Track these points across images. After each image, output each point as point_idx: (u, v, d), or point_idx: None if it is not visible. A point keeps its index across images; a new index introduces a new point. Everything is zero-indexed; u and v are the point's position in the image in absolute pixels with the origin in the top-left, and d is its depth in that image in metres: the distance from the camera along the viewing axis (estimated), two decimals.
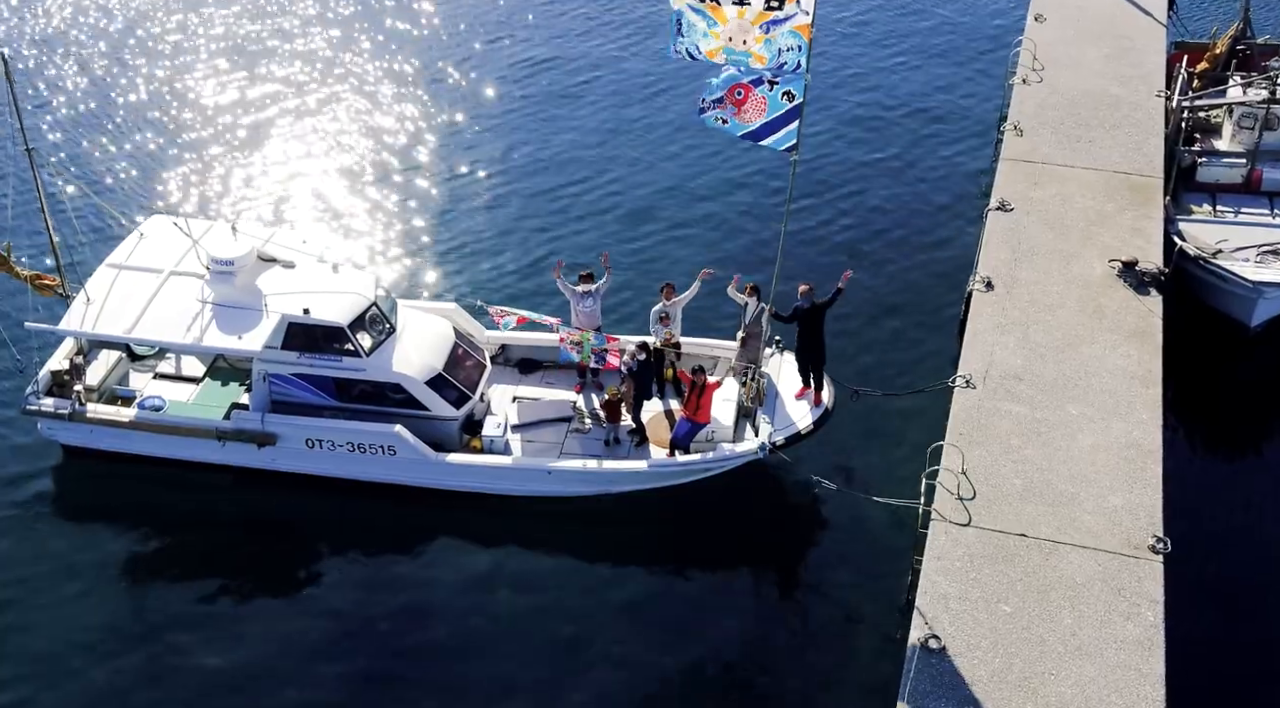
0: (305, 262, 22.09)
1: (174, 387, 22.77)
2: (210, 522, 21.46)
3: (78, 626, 19.52)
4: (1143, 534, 17.50)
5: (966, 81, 34.05)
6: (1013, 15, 36.29)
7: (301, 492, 21.82)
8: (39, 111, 32.27)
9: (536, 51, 36.08)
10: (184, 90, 33.85)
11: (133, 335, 20.95)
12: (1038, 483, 18.37)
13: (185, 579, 20.46)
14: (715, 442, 21.14)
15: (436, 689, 18.63)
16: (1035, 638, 16.10)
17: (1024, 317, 21.65)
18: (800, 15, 17.98)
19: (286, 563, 20.88)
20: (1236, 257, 23.79)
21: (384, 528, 21.40)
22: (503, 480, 21.32)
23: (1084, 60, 29.67)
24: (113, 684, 18.69)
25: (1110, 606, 16.49)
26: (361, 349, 21.09)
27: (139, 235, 22.64)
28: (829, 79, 33.83)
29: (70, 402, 21.64)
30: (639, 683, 18.65)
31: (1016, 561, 17.18)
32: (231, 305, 21.12)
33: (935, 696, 15.35)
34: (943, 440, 18.88)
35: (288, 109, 33.06)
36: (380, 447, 21.22)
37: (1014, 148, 26.31)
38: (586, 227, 28.63)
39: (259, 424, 21.24)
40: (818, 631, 19.39)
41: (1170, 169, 26.50)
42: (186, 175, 30.41)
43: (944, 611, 16.45)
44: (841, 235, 28.05)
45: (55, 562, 20.58)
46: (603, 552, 20.89)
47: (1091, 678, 15.58)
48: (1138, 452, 18.89)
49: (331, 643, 19.31)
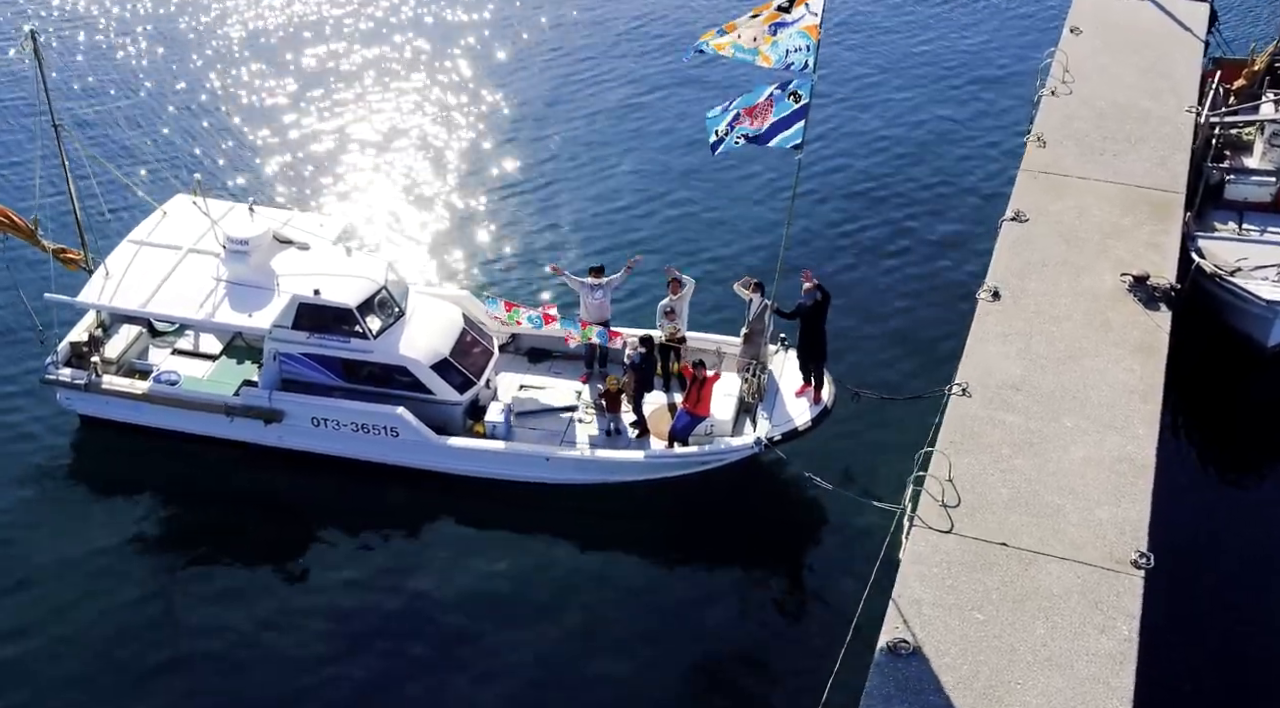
0: (320, 245, 22.54)
1: (191, 363, 23.31)
2: (216, 497, 21.97)
3: (79, 592, 20.05)
4: (1126, 549, 17.38)
5: (998, 93, 33.94)
6: (1049, 27, 36.05)
7: (307, 471, 22.25)
8: (70, 90, 33.10)
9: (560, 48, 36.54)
10: (215, 70, 34.64)
11: (147, 310, 21.48)
12: (1025, 493, 18.31)
13: (187, 552, 20.99)
14: (714, 436, 21.34)
15: (428, 672, 18.92)
16: (1005, 647, 16.07)
17: (1028, 327, 21.56)
18: (809, 16, 18.10)
19: (288, 542, 21.31)
20: (1255, 275, 23.53)
21: (387, 511, 21.79)
22: (502, 466, 21.61)
23: (1117, 73, 29.42)
24: (110, 650, 19.18)
25: (1085, 618, 16.42)
26: (369, 331, 21.48)
27: (162, 213, 23.20)
28: (861, 83, 33.90)
29: (87, 373, 22.23)
30: (612, 669, 18.92)
31: (995, 569, 17.15)
32: (244, 284, 21.59)
33: (898, 699, 15.37)
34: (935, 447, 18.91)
35: (322, 93, 33.74)
36: (383, 428, 21.59)
37: (1035, 159, 26.14)
38: (587, 223, 29.07)
39: (266, 401, 21.70)
40: (794, 628, 19.54)
41: (1197, 185, 26.28)
42: (214, 156, 31.12)
43: (916, 615, 16.45)
44: (861, 238, 28.16)
45: (57, 526, 21.16)
46: (598, 542, 21.17)
47: (1059, 689, 15.53)
48: (1130, 466, 18.76)
49: (327, 623, 19.70)
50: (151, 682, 18.77)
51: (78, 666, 18.96)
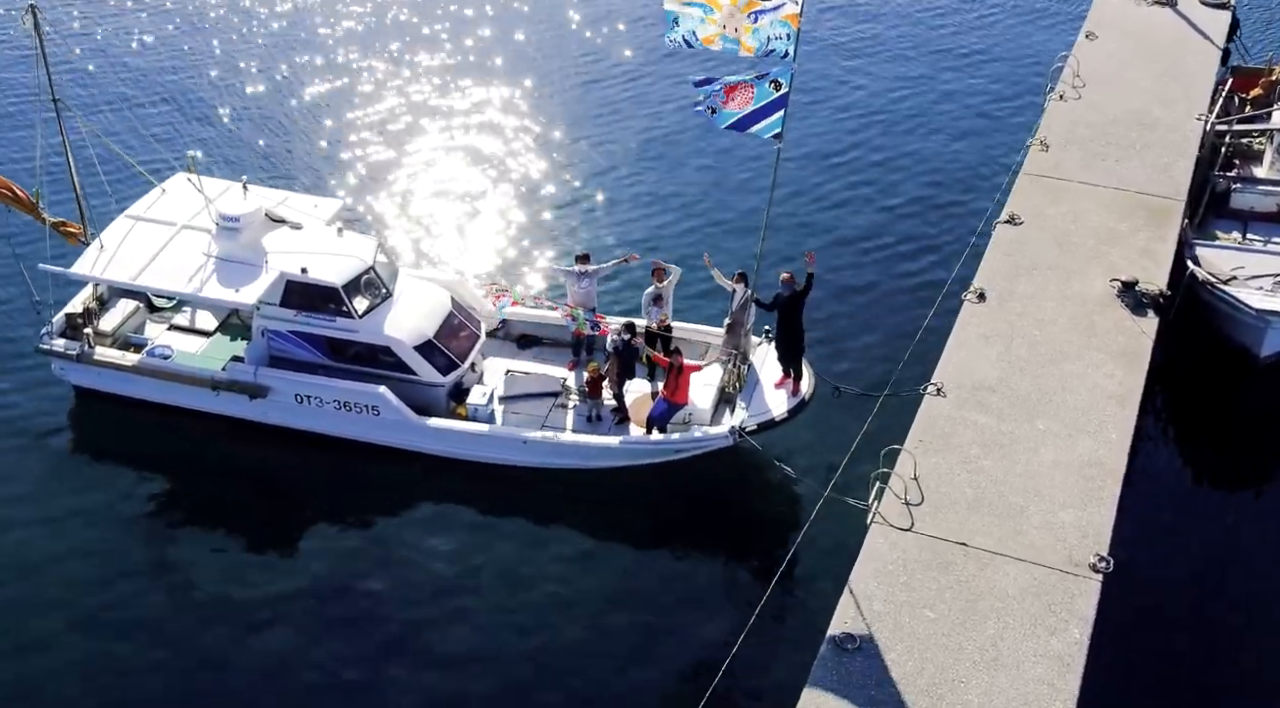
0: (313, 224, 22.82)
1: (186, 339, 23.69)
2: (200, 470, 22.34)
3: (62, 558, 20.44)
4: (1086, 552, 17.23)
5: (1009, 96, 33.78)
6: (1069, 30, 35.78)
7: (293, 448, 22.54)
8: (73, 66, 33.73)
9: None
10: (222, 49, 35.15)
11: (137, 282, 21.84)
12: (989, 494, 18.21)
13: (164, 522, 21.36)
14: (691, 424, 21.42)
15: (392, 651, 19.10)
16: (953, 645, 16.00)
17: (1011, 329, 21.43)
18: (789, 4, 18.14)
19: (267, 518, 21.63)
20: (1250, 284, 23.24)
21: (367, 489, 22.06)
22: (480, 448, 21.80)
23: (1129, 79, 29.13)
24: (90, 617, 19.55)
25: (1037, 620, 16.31)
26: (354, 311, 21.74)
27: (161, 191, 23.59)
28: (882, 81, 33.80)
29: (80, 344, 22.64)
30: (577, 656, 19.08)
31: (952, 569, 17.07)
32: (234, 260, 21.90)
33: (839, 693, 15.36)
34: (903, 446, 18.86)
35: (329, 74, 34.30)
36: (365, 406, 21.84)
37: (1036, 163, 25.95)
38: (585, 217, 29.31)
39: (251, 376, 22.01)
40: (758, 620, 19.33)
41: (1203, 193, 26.02)
42: (216, 136, 31.72)
43: (866, 611, 16.43)
44: (857, 236, 28.17)
45: (42, 493, 21.57)
46: (575, 525, 21.39)
47: (1002, 689, 15.45)
48: (1099, 470, 18.60)
49: (300, 600, 19.91)
50: (112, 644, 19.11)
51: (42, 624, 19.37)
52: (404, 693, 18.51)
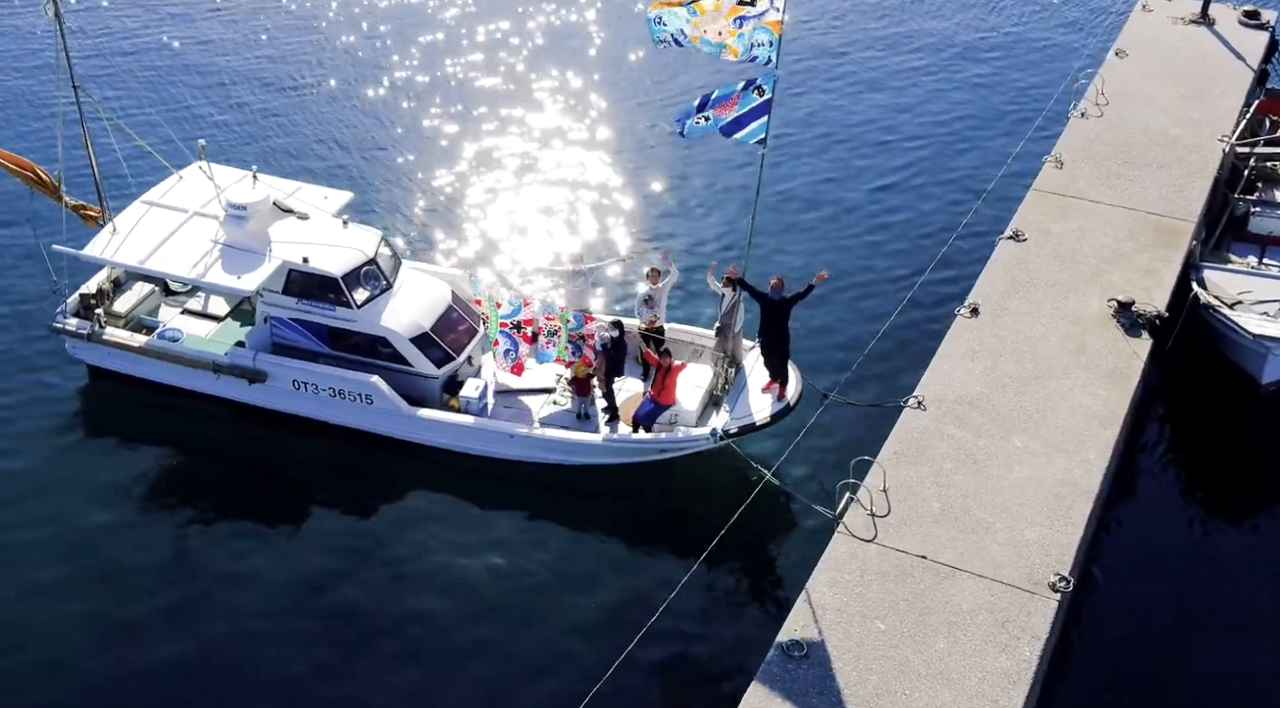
0: (319, 216, 23.31)
1: (198, 323, 24.26)
2: (199, 451, 22.81)
3: (59, 536, 21.04)
4: (1046, 571, 17.21)
5: (1030, 114, 33.48)
6: (1101, 50, 35.44)
7: (290, 432, 23.00)
8: (95, 54, 34.47)
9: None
10: (243, 40, 35.83)
11: (144, 266, 22.42)
12: (956, 509, 18.22)
13: (160, 501, 21.83)
14: (677, 425, 21.60)
15: (382, 641, 19.33)
16: (900, 658, 16.06)
17: (1000, 345, 21.39)
18: (771, 11, 18.29)
19: (262, 501, 21.96)
20: (1254, 310, 22.89)
21: (360, 477, 22.38)
22: (468, 440, 22.13)
23: (1155, 99, 28.85)
24: (84, 593, 20.04)
25: (988, 636, 16.33)
26: (353, 301, 22.17)
27: (177, 178, 24.20)
28: (896, 94, 33.71)
29: (91, 323, 23.31)
30: (549, 651, 19.29)
31: (908, 581, 17.12)
32: (239, 247, 22.42)
33: (781, 700, 15.49)
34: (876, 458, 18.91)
35: (349, 68, 34.80)
36: (359, 395, 22.27)
37: (1049, 180, 25.83)
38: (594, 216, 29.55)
39: (250, 361, 22.53)
40: (723, 626, 19.59)
41: (1220, 216, 25.70)
42: (234, 126, 32.29)
43: (819, 620, 16.54)
44: (865, 248, 28.10)
45: (46, 468, 22.22)
46: (558, 520, 21.54)
47: (946, 704, 15.48)
48: (1071, 490, 18.54)
49: (287, 589, 20.16)
50: (101, 626, 19.54)
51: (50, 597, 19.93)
52: (384, 680, 18.76)
